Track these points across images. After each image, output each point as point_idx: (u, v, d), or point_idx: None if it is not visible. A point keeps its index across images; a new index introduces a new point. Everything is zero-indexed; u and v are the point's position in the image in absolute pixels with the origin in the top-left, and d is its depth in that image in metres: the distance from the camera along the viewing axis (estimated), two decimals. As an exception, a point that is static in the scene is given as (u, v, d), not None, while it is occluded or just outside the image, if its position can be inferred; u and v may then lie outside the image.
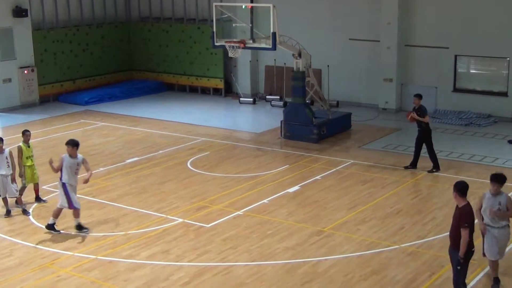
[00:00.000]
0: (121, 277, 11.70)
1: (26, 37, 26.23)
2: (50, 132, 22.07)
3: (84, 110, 25.98)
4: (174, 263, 12.22)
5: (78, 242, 13.25)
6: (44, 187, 16.30)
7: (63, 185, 13.39)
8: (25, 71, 26.14)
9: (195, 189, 16.36)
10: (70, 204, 13.48)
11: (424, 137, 17.33)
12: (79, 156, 13.57)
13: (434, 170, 17.36)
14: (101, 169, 18.13)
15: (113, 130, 22.74)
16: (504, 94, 22.97)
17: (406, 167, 17.62)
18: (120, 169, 18.05)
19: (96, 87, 28.90)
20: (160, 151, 19.82)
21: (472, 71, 24.08)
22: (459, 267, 10.07)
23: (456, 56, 23.68)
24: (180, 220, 14.30)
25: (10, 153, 14.66)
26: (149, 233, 13.60)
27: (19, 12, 25.59)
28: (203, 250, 12.73)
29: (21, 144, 15.06)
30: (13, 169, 14.64)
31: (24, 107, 26.16)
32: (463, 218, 9.85)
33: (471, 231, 9.92)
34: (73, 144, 13.41)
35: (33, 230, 13.87)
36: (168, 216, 14.50)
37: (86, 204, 15.38)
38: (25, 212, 14.79)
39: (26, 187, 15.21)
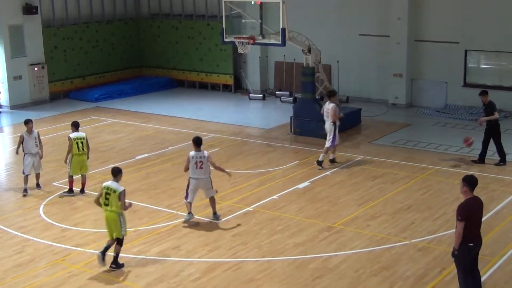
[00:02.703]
0: (132, 273, 11.75)
1: (36, 34, 26.32)
2: (61, 129, 22.12)
3: (94, 106, 26.07)
4: (184, 259, 12.25)
5: (89, 238, 13.32)
6: (54, 183, 16.42)
7: (336, 126, 16.80)
8: (36, 68, 26.24)
9: (205, 185, 16.37)
10: (334, 141, 17.09)
11: (493, 132, 17.42)
12: None
13: (501, 163, 17.38)
14: (111, 165, 18.14)
15: (123, 126, 22.78)
16: (515, 89, 22.91)
17: (474, 161, 17.56)
18: (130, 166, 18.09)
19: (106, 83, 28.97)
20: (170, 147, 19.86)
21: (482, 66, 23.99)
22: (453, 259, 9.91)
23: (466, 51, 23.58)
24: (191, 216, 14.34)
25: (38, 134, 16.05)
26: (160, 229, 13.65)
27: (29, 9, 25.67)
28: (213, 246, 12.76)
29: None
30: (41, 148, 16.00)
31: (34, 104, 26.26)
32: (459, 210, 9.71)
33: (473, 224, 9.65)
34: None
35: (44, 227, 13.94)
36: (179, 212, 14.53)
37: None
38: (25, 191, 15.77)
39: (71, 176, 15.76)
